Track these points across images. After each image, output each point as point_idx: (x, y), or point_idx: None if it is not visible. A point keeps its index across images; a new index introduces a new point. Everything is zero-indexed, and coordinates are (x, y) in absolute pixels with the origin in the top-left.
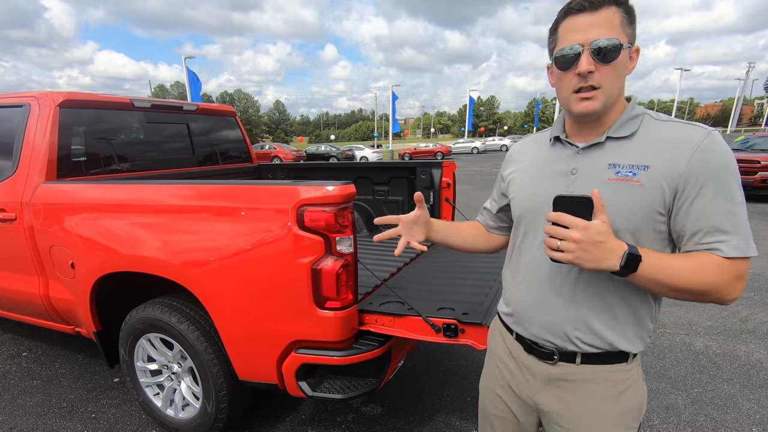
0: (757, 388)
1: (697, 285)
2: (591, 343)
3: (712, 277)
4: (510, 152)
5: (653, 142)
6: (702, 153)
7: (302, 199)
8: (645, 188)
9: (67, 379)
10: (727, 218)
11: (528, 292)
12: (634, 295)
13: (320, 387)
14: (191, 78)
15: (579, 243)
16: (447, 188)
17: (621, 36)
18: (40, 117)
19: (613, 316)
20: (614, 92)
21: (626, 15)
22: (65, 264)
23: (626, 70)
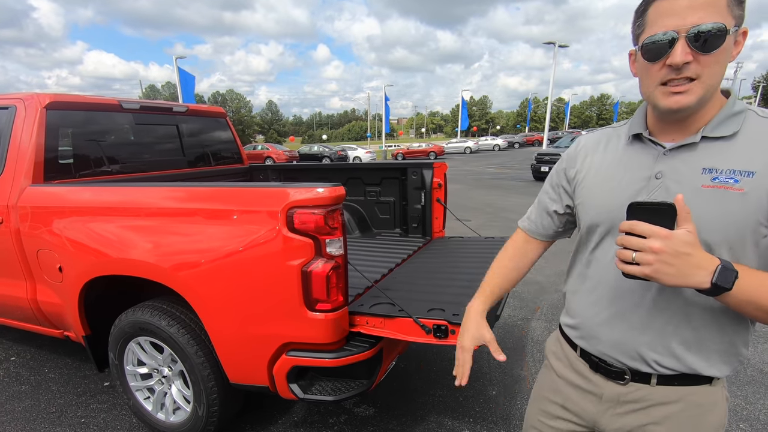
0: (744, 385)
1: None
2: (669, 366)
3: None
4: (576, 148)
5: (760, 143)
6: None
7: (292, 201)
8: (748, 197)
9: (56, 383)
10: None
11: (598, 306)
12: (728, 317)
13: (312, 389)
14: (183, 77)
15: (659, 254)
16: (438, 189)
17: (727, 19)
18: (27, 119)
19: (698, 339)
20: (715, 84)
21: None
22: (53, 268)
23: (728, 58)
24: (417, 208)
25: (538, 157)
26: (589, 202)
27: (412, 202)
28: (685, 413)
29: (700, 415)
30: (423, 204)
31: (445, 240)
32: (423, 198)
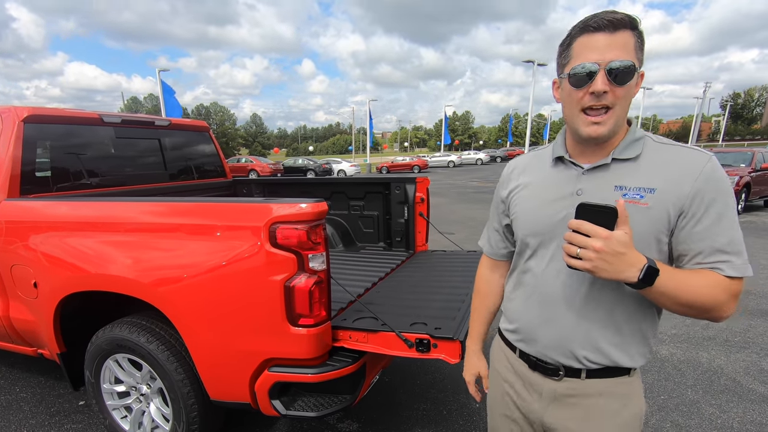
0: (718, 394)
1: (705, 301)
2: (596, 361)
3: (718, 295)
4: (507, 171)
5: (658, 164)
6: (706, 177)
7: (275, 217)
8: (652, 210)
9: (28, 403)
10: (730, 239)
11: (534, 310)
12: (642, 313)
13: (294, 405)
14: (166, 90)
15: (599, 253)
16: (421, 203)
17: (634, 59)
18: (3, 132)
19: (620, 335)
20: (623, 115)
21: (639, 40)
22: (27, 283)
23: (632, 93)
24: (400, 222)
25: None
26: (521, 217)
27: (396, 217)
28: (612, 404)
29: (625, 405)
30: (406, 218)
31: (428, 254)
32: (406, 212)
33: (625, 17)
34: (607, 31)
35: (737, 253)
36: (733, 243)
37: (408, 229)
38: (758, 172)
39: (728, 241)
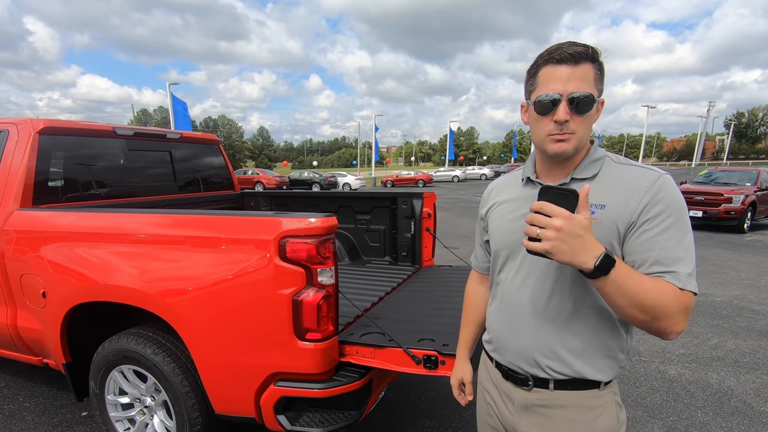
0: (729, 416)
1: (657, 304)
2: (560, 371)
3: (669, 301)
4: (487, 190)
5: (611, 183)
6: (655, 191)
7: (284, 231)
8: (602, 225)
9: (31, 413)
10: (679, 250)
11: (503, 320)
12: (602, 325)
13: (299, 420)
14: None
15: (560, 232)
16: (428, 218)
17: (594, 90)
18: (19, 143)
19: (581, 345)
20: (584, 139)
21: (598, 72)
22: (36, 293)
23: (592, 120)
24: (407, 236)
25: None
26: (493, 233)
27: (402, 231)
28: (582, 416)
29: (595, 418)
30: (413, 233)
31: (434, 268)
32: (413, 227)
33: (586, 50)
34: (569, 63)
35: (686, 265)
36: (682, 254)
37: (414, 244)
38: (763, 191)
39: (677, 251)
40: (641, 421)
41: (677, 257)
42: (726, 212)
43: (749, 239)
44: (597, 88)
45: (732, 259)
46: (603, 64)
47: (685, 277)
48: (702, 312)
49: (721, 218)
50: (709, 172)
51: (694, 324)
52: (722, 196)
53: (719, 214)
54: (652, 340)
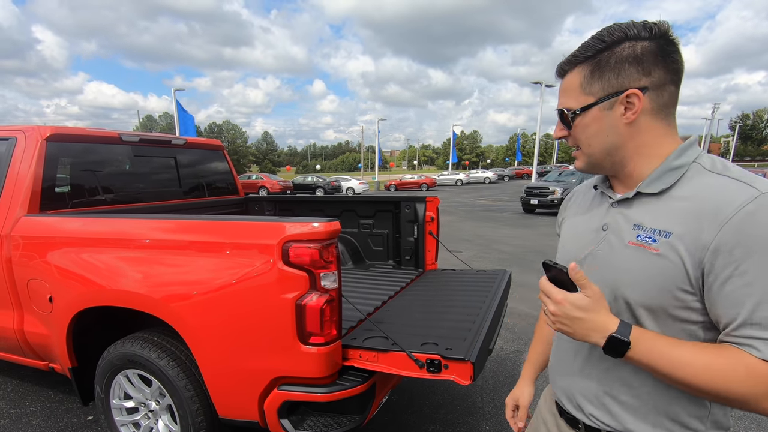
0: (736, 420)
1: (717, 388)
2: (606, 422)
3: (739, 383)
4: (564, 201)
5: (689, 201)
6: (741, 220)
7: (288, 235)
8: (663, 259)
9: (37, 417)
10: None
11: (557, 351)
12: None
13: (303, 425)
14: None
15: (555, 316)
16: (431, 222)
17: (576, 100)
18: (26, 150)
19: (634, 400)
20: (593, 152)
21: (590, 71)
22: (43, 298)
23: (609, 125)
24: (410, 240)
25: (527, 190)
26: (560, 248)
27: (405, 235)
28: None
29: None
30: (416, 237)
31: (437, 272)
32: (416, 231)
33: (569, 58)
34: (560, 77)
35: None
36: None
37: (417, 248)
38: None
39: (761, 310)
40: None
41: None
42: None
43: None
44: (585, 94)
45: None
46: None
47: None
48: None
49: None
50: None
51: None
52: None
53: None
54: None
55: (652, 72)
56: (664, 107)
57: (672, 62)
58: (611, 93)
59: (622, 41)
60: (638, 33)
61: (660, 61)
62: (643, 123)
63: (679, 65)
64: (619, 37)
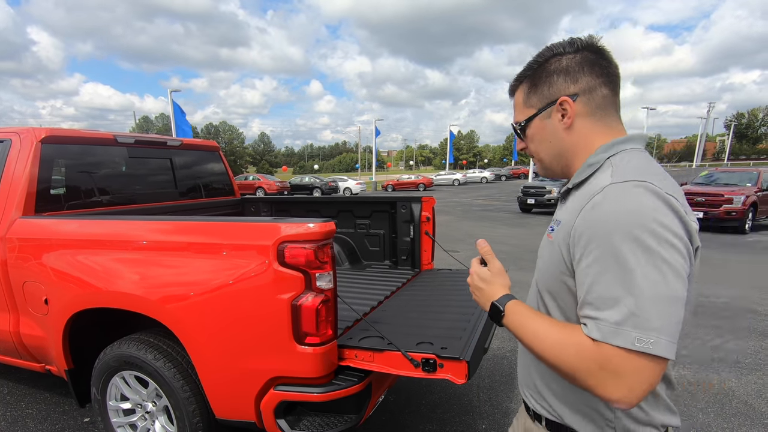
0: (730, 417)
1: (557, 362)
2: (544, 408)
3: (570, 358)
4: None
5: (581, 193)
6: (591, 209)
7: (283, 236)
8: (553, 246)
9: (33, 419)
10: (601, 289)
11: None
12: None
13: (299, 424)
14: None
15: (470, 287)
16: (427, 222)
17: (522, 114)
18: (21, 152)
19: (559, 386)
20: (543, 158)
21: (528, 87)
22: (39, 300)
23: (551, 132)
24: (406, 240)
25: (524, 190)
26: None
27: (402, 235)
28: None
29: None
30: (412, 237)
31: (433, 272)
32: (412, 231)
33: (514, 78)
34: (510, 97)
35: (610, 308)
36: (607, 294)
37: (414, 248)
38: (765, 191)
39: (601, 290)
40: None
41: (606, 297)
42: (727, 213)
43: (750, 240)
44: (527, 107)
45: (733, 259)
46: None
47: (609, 326)
48: (703, 313)
49: (722, 219)
50: (709, 173)
51: (696, 325)
52: (723, 197)
53: (720, 215)
54: None
55: (579, 79)
56: (598, 109)
57: (599, 68)
58: (547, 103)
59: (550, 58)
60: (563, 49)
61: (586, 69)
62: (580, 126)
63: (607, 69)
64: (548, 54)
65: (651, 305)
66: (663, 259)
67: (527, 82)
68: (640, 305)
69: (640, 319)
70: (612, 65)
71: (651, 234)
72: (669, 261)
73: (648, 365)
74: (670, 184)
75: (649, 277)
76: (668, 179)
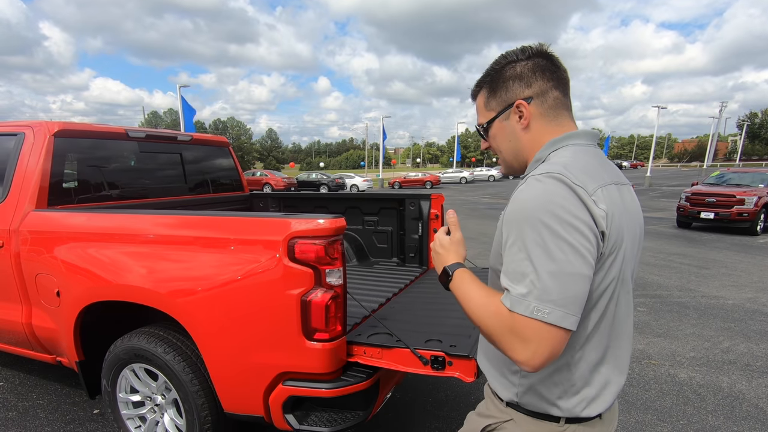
0: (740, 420)
1: (480, 322)
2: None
3: (488, 320)
4: None
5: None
6: (514, 197)
7: (293, 232)
8: (497, 230)
9: (44, 410)
10: (514, 265)
11: None
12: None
13: (307, 420)
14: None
15: (431, 250)
16: (435, 219)
17: (484, 116)
18: (35, 145)
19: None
20: (505, 156)
21: (488, 92)
22: (51, 292)
23: (510, 132)
24: (414, 237)
25: None
26: None
27: (410, 232)
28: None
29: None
30: (420, 234)
31: None
32: (420, 228)
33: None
34: (473, 101)
35: (517, 282)
36: (516, 270)
37: (422, 245)
38: None
39: (513, 266)
40: (650, 425)
41: (515, 273)
42: (738, 214)
43: (762, 242)
44: (488, 109)
45: (744, 261)
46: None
47: (516, 297)
48: (713, 315)
49: (733, 220)
50: (721, 173)
51: (706, 327)
52: (734, 198)
53: (731, 216)
54: (662, 343)
55: (532, 84)
56: (551, 110)
57: (549, 72)
58: (505, 106)
59: (505, 65)
60: (517, 56)
61: (538, 74)
62: (535, 126)
63: (557, 74)
64: (503, 62)
65: (550, 280)
66: (563, 239)
67: (486, 88)
68: (541, 280)
69: (540, 292)
70: (561, 69)
71: (553, 216)
72: (569, 241)
73: (548, 332)
74: (592, 177)
75: (551, 255)
76: (593, 173)
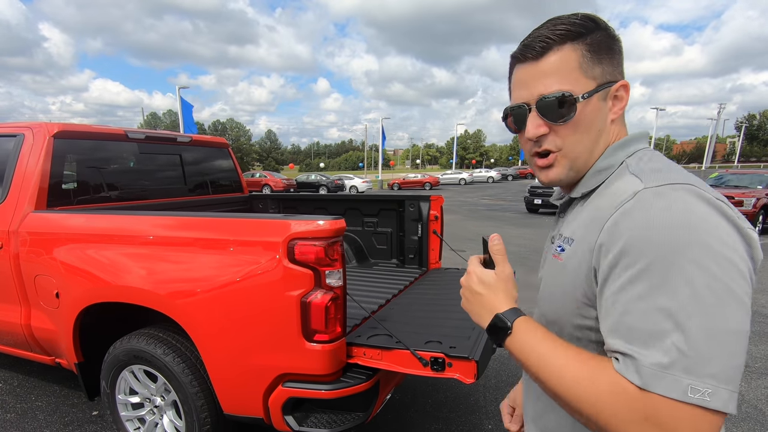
0: (739, 421)
1: (576, 399)
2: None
3: (598, 397)
4: None
5: (596, 204)
6: (616, 221)
7: (293, 233)
8: (565, 269)
9: (43, 412)
10: (641, 319)
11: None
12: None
13: (307, 421)
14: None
15: (463, 289)
16: (435, 221)
17: (577, 83)
18: (34, 146)
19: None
20: (581, 153)
21: (589, 51)
22: (50, 293)
23: (602, 119)
24: (414, 239)
25: (531, 190)
26: None
27: (409, 234)
28: None
29: None
30: (420, 235)
31: (441, 271)
32: (420, 230)
33: (557, 31)
34: (533, 59)
35: (646, 345)
36: (640, 328)
37: (421, 247)
38: None
39: (634, 322)
40: None
41: (658, 331)
42: None
43: (761, 243)
44: (586, 77)
45: None
46: (602, 38)
47: (651, 369)
48: None
49: None
50: (719, 175)
51: None
52: (733, 199)
53: None
54: None
55: (621, 66)
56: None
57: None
58: (609, 81)
59: (604, 28)
60: (608, 26)
61: (622, 58)
62: (619, 122)
63: None
64: (603, 23)
65: (707, 344)
66: (723, 285)
67: (585, 45)
68: (693, 343)
69: (694, 362)
70: None
71: (707, 252)
72: (731, 287)
73: (708, 422)
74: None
75: (706, 308)
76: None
